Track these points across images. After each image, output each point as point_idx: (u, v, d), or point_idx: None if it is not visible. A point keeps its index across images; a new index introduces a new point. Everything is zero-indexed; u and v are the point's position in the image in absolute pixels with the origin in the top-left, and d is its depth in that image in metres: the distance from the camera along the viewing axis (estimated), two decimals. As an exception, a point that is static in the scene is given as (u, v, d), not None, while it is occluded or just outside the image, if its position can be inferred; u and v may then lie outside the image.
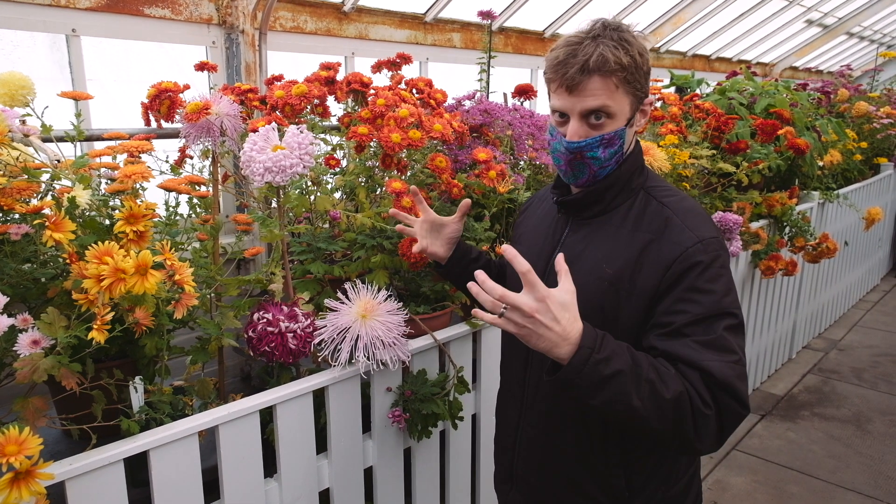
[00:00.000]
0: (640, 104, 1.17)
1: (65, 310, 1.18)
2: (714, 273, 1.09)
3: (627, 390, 0.98)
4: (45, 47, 2.09)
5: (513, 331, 0.98)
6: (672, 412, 1.00)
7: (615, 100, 1.12)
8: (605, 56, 1.09)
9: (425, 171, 1.88)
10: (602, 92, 1.11)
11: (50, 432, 1.45)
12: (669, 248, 1.11)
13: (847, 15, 6.41)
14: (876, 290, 5.58)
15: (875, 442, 3.15)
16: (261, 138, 1.42)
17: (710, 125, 2.93)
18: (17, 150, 1.32)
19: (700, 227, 1.13)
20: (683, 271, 1.09)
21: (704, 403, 1.01)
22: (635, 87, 1.14)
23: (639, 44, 1.13)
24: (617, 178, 1.19)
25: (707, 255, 1.10)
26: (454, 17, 3.34)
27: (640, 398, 0.98)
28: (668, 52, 5.20)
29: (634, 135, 1.22)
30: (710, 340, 1.06)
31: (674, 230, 1.13)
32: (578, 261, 1.19)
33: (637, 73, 1.13)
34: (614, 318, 1.14)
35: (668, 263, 1.10)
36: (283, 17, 2.60)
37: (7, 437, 0.93)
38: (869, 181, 4.66)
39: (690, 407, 1.01)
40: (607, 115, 1.13)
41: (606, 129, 1.14)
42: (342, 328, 1.48)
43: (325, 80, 1.91)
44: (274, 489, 1.46)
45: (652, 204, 1.18)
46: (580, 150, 1.15)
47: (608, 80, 1.10)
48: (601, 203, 1.21)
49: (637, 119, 1.19)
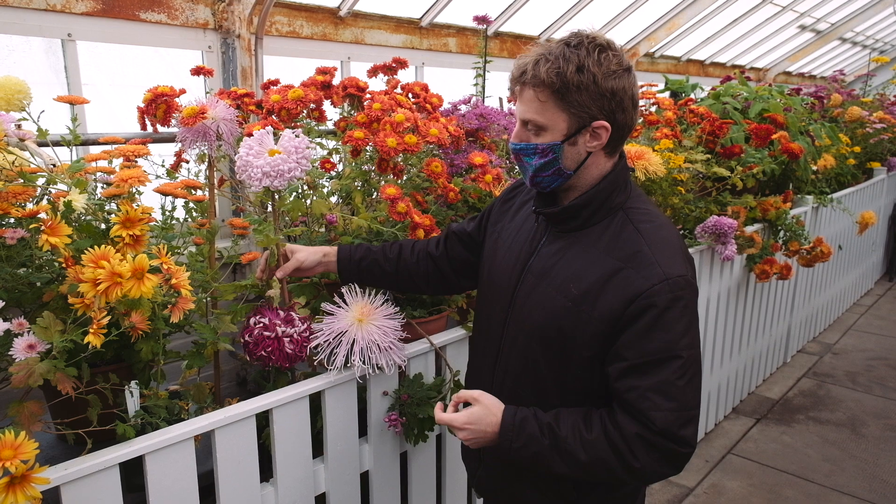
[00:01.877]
0: (584, 124, 1.14)
1: (60, 314, 1.18)
2: (675, 314, 1.12)
3: (549, 463, 1.15)
4: (41, 52, 2.09)
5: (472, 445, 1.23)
6: (597, 470, 1.14)
7: (544, 114, 1.15)
8: (531, 70, 1.13)
9: (421, 176, 1.88)
10: (532, 104, 1.15)
11: (45, 437, 1.44)
12: (636, 281, 1.13)
13: (840, 20, 6.46)
14: (870, 294, 5.61)
15: (870, 445, 3.16)
16: (256, 143, 1.42)
17: (705, 129, 2.95)
18: (12, 155, 1.32)
19: (670, 263, 1.14)
20: (645, 308, 1.11)
21: (633, 457, 1.11)
22: (571, 104, 1.12)
23: (581, 61, 1.09)
24: (594, 195, 1.20)
25: (670, 295, 1.11)
26: (450, 21, 3.35)
27: (564, 464, 1.15)
28: (662, 57, 5.23)
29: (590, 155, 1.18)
30: (657, 386, 1.10)
31: (643, 263, 1.14)
32: (548, 275, 1.22)
33: (571, 92, 1.11)
34: (572, 338, 1.18)
35: (631, 297, 1.12)
36: (279, 21, 2.61)
37: (3, 441, 0.93)
38: (862, 185, 4.69)
39: (618, 462, 1.12)
40: (538, 126, 1.16)
41: (539, 140, 1.17)
42: (339, 332, 1.48)
43: (321, 84, 1.91)
44: (270, 494, 1.46)
45: (628, 228, 1.19)
46: (518, 153, 1.22)
47: (536, 92, 1.14)
48: (577, 219, 1.22)
49: (586, 139, 1.16)
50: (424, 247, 1.56)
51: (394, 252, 1.55)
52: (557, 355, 1.20)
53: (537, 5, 3.61)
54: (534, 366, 1.24)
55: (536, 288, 1.23)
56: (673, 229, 1.22)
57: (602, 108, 1.13)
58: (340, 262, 1.54)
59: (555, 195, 1.27)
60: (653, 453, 1.11)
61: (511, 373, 1.29)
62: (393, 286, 1.60)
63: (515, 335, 1.27)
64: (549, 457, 1.15)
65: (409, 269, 1.55)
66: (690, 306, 1.15)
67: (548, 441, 1.15)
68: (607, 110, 1.14)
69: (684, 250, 1.20)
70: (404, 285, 1.59)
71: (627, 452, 1.11)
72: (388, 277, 1.56)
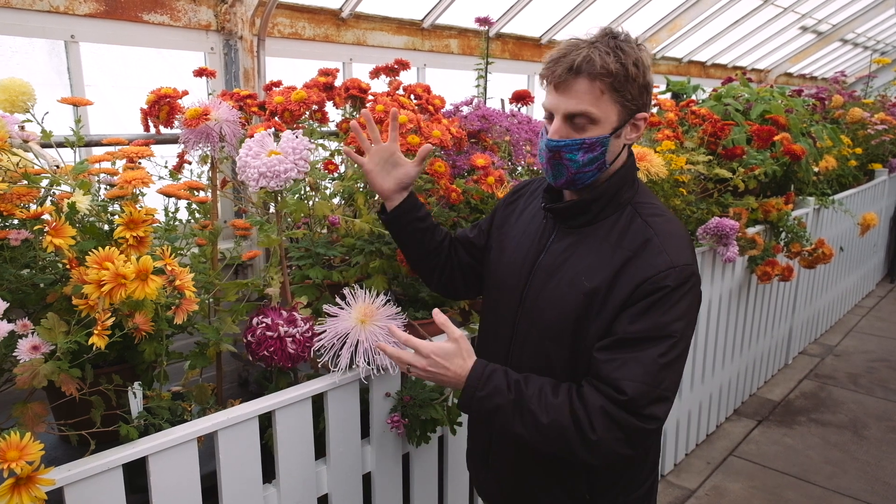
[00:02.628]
0: (630, 116, 1.16)
1: (64, 315, 1.18)
2: (675, 298, 1.12)
3: (509, 420, 1.14)
4: (44, 53, 2.10)
5: (422, 377, 1.23)
6: (553, 437, 1.11)
7: (599, 106, 1.13)
8: (593, 59, 1.10)
9: (424, 177, 1.88)
10: (586, 95, 1.12)
11: (48, 438, 1.45)
12: (644, 267, 1.13)
13: (841, 22, 6.46)
14: (871, 296, 5.60)
15: (872, 447, 3.16)
16: (256, 144, 1.42)
17: (707, 131, 2.95)
18: (16, 156, 1.32)
19: (677, 253, 1.15)
20: (649, 292, 1.12)
21: (592, 429, 1.09)
22: (624, 97, 1.13)
23: (637, 55, 1.12)
24: (605, 190, 1.20)
25: (674, 281, 1.12)
26: (451, 23, 3.36)
27: (523, 424, 1.13)
28: (663, 59, 5.23)
29: (624, 148, 1.21)
30: (638, 358, 1.10)
31: (651, 251, 1.15)
32: (559, 271, 1.22)
33: (627, 83, 1.12)
34: (586, 329, 1.17)
35: (638, 282, 1.13)
36: (281, 23, 2.61)
37: (8, 442, 0.93)
38: (864, 187, 4.68)
39: (575, 432, 1.10)
40: (590, 119, 1.14)
41: (588, 134, 1.14)
42: (341, 333, 1.48)
43: (323, 85, 1.92)
44: (273, 495, 1.46)
45: (636, 221, 1.19)
46: (559, 150, 1.16)
47: (594, 83, 1.11)
48: (587, 214, 1.22)
49: (627, 132, 1.18)
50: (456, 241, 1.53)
51: (441, 234, 1.49)
52: (569, 351, 1.20)
53: (539, 7, 3.62)
54: (546, 363, 1.23)
55: (547, 285, 1.23)
56: (679, 223, 1.23)
57: (644, 101, 1.17)
58: (406, 202, 1.43)
59: (561, 193, 1.28)
60: (612, 429, 1.09)
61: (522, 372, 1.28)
62: (419, 258, 1.50)
63: (526, 334, 1.26)
64: (510, 413, 1.13)
65: (441, 260, 1.49)
66: (692, 295, 1.15)
67: (513, 396, 1.13)
68: (645, 102, 1.18)
69: (690, 243, 1.21)
70: (421, 266, 1.52)
71: (587, 423, 1.09)
72: (423, 250, 1.48)
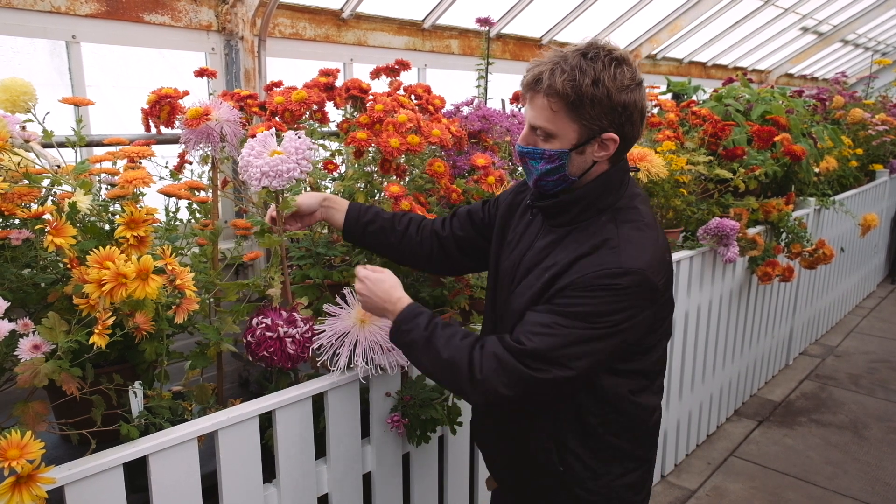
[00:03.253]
0: (593, 136, 1.16)
1: (65, 314, 1.18)
2: (612, 296, 1.13)
3: (418, 353, 1.26)
4: (46, 54, 2.10)
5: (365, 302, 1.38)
6: (448, 372, 1.21)
7: (555, 123, 1.16)
8: (546, 79, 1.13)
9: (424, 176, 1.89)
10: (543, 111, 1.16)
11: (49, 437, 1.45)
12: (594, 262, 1.16)
13: (842, 23, 6.46)
14: (872, 297, 5.60)
15: (872, 448, 3.16)
16: (259, 143, 1.42)
17: (707, 131, 2.95)
18: (18, 156, 1.32)
19: (631, 257, 1.15)
20: (589, 283, 1.14)
21: (479, 368, 1.17)
22: (582, 116, 1.14)
23: (597, 74, 1.11)
24: (585, 194, 1.23)
25: (619, 280, 1.13)
26: (452, 23, 3.36)
27: (427, 359, 1.25)
28: (664, 59, 5.23)
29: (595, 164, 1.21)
30: (551, 323, 1.13)
31: (606, 250, 1.17)
32: (536, 268, 1.25)
33: (583, 104, 1.12)
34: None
35: (584, 273, 1.15)
36: (282, 23, 2.61)
37: (9, 441, 0.93)
38: (865, 188, 4.68)
39: (467, 368, 1.17)
40: (547, 134, 1.17)
41: (548, 146, 1.19)
42: (341, 333, 1.48)
43: (324, 86, 1.92)
44: (273, 494, 1.46)
45: (609, 226, 1.21)
46: (523, 156, 1.23)
47: (549, 101, 1.14)
48: (567, 214, 1.25)
49: (593, 149, 1.19)
50: (430, 225, 1.57)
51: (402, 224, 1.56)
52: None
53: (540, 7, 3.62)
54: None
55: (525, 280, 1.27)
56: (654, 235, 1.23)
57: (613, 121, 1.15)
58: (348, 220, 1.55)
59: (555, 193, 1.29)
60: (497, 371, 1.15)
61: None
62: (393, 257, 1.61)
63: (506, 324, 1.30)
64: (420, 347, 1.25)
65: (412, 244, 1.55)
66: (634, 298, 1.15)
67: (427, 334, 1.24)
68: (617, 123, 1.16)
69: (657, 253, 1.20)
70: (404, 259, 1.60)
71: (478, 364, 1.17)
72: (391, 248, 1.57)
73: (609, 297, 1.14)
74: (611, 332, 1.15)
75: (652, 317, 1.22)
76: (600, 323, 1.14)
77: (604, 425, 1.28)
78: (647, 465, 1.37)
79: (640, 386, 1.30)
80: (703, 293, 2.90)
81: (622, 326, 1.16)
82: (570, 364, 1.14)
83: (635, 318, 1.17)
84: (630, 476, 1.33)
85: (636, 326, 1.18)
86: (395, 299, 1.32)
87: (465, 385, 1.19)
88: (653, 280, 1.17)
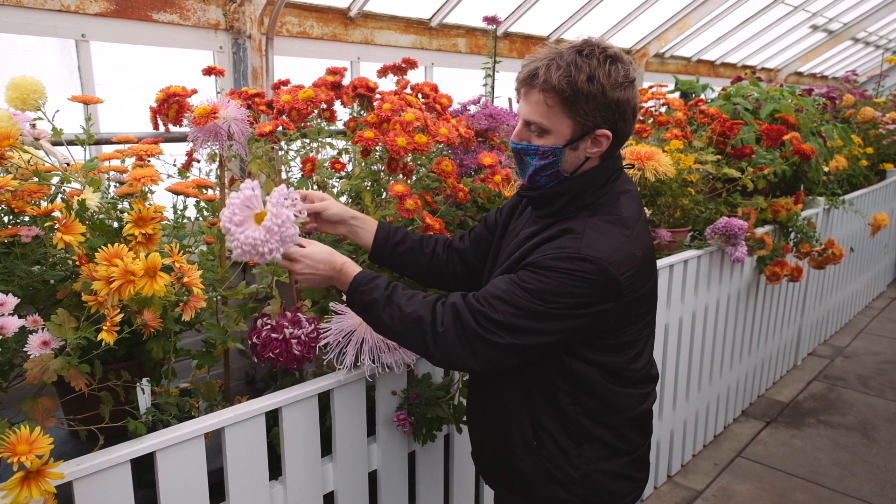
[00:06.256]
0: (587, 132, 1.18)
1: (74, 311, 1.19)
2: (568, 279, 1.15)
3: (379, 311, 1.25)
4: (55, 52, 2.11)
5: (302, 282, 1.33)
6: (411, 327, 1.22)
7: (550, 118, 1.18)
8: (542, 75, 1.14)
9: (431, 175, 1.89)
10: (538, 106, 1.18)
11: (57, 433, 1.46)
12: (554, 246, 1.19)
13: (852, 20, 6.41)
14: (882, 297, 5.56)
15: (881, 450, 3.14)
16: (240, 207, 1.25)
17: (715, 130, 2.94)
18: (28, 154, 1.33)
19: (592, 246, 1.16)
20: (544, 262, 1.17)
21: (441, 322, 1.20)
22: (577, 112, 1.16)
23: (593, 70, 1.12)
24: (569, 188, 1.25)
25: (573, 265, 1.15)
26: (459, 22, 3.36)
27: (389, 316, 1.24)
28: (672, 58, 5.21)
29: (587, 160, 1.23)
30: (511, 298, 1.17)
31: (569, 237, 1.19)
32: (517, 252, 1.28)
33: (579, 100, 1.14)
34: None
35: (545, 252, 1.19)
36: (289, 22, 2.62)
37: (18, 436, 0.94)
38: (875, 187, 4.65)
39: (430, 325, 1.20)
40: (541, 129, 1.19)
41: (542, 142, 1.21)
42: (347, 331, 1.49)
43: (331, 84, 1.92)
44: (279, 491, 1.46)
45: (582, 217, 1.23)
46: (518, 152, 1.25)
47: (544, 96, 1.16)
48: (552, 206, 1.27)
49: (586, 145, 1.21)
50: (450, 244, 1.58)
51: (429, 246, 1.56)
52: None
53: (547, 6, 3.61)
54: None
55: (505, 264, 1.30)
56: (627, 231, 1.22)
57: (606, 117, 1.18)
58: (377, 239, 1.51)
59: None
60: (456, 322, 1.19)
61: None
62: (421, 278, 1.59)
63: None
64: (381, 305, 1.25)
65: (440, 263, 1.56)
66: (588, 286, 1.15)
67: (388, 293, 1.26)
68: (611, 120, 1.18)
69: (626, 251, 1.19)
70: (432, 280, 1.59)
71: (440, 317, 1.20)
72: (420, 269, 1.56)
73: (563, 279, 1.15)
74: (563, 314, 1.16)
75: (619, 312, 1.22)
76: (553, 303, 1.15)
77: (575, 405, 1.28)
78: (629, 456, 1.35)
79: (618, 376, 1.29)
80: (710, 293, 2.89)
81: (577, 312, 1.17)
82: (520, 335, 1.16)
83: (592, 308, 1.17)
84: (608, 463, 1.32)
85: (597, 316, 1.19)
86: (340, 265, 1.31)
87: (427, 339, 1.20)
88: (611, 272, 1.15)
